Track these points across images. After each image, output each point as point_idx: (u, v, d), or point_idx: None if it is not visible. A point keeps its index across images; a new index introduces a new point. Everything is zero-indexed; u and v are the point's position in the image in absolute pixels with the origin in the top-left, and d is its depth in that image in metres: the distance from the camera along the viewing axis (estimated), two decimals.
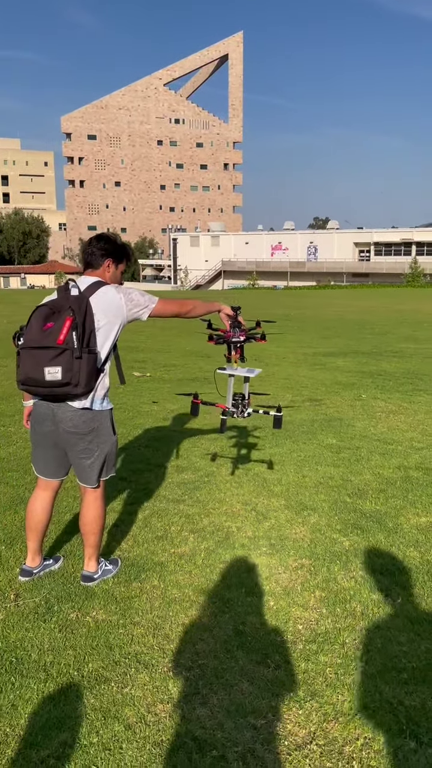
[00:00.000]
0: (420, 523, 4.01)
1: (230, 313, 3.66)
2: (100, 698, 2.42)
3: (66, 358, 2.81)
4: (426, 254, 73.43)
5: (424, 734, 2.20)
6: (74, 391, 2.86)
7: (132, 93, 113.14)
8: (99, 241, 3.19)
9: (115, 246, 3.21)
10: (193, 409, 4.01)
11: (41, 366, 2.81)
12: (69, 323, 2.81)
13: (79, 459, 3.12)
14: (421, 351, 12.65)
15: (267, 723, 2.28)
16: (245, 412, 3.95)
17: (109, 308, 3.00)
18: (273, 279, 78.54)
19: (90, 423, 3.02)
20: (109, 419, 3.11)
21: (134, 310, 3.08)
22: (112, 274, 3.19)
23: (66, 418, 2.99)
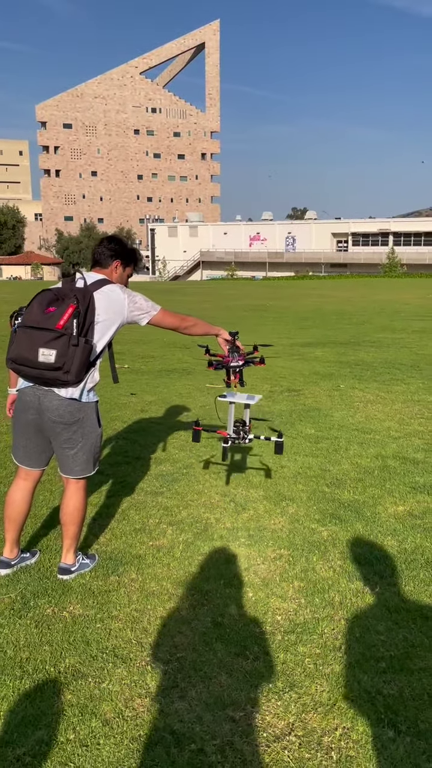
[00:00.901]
0: (397, 512, 4.02)
1: (228, 338, 3.69)
2: (77, 694, 2.39)
3: (62, 342, 2.82)
4: (403, 244, 73.92)
5: (402, 723, 2.20)
6: (64, 377, 2.86)
7: (108, 81, 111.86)
8: (110, 242, 3.27)
9: (125, 248, 3.28)
10: (195, 435, 4.09)
11: (37, 346, 2.82)
12: (72, 310, 2.84)
13: (62, 449, 3.11)
14: (398, 341, 12.74)
15: (245, 715, 2.27)
16: (246, 439, 4.03)
17: (111, 306, 3.04)
18: (251, 269, 78.52)
19: (75, 413, 3.02)
20: (94, 411, 3.12)
21: (135, 312, 3.13)
22: (119, 276, 3.26)
23: (52, 407, 2.99)
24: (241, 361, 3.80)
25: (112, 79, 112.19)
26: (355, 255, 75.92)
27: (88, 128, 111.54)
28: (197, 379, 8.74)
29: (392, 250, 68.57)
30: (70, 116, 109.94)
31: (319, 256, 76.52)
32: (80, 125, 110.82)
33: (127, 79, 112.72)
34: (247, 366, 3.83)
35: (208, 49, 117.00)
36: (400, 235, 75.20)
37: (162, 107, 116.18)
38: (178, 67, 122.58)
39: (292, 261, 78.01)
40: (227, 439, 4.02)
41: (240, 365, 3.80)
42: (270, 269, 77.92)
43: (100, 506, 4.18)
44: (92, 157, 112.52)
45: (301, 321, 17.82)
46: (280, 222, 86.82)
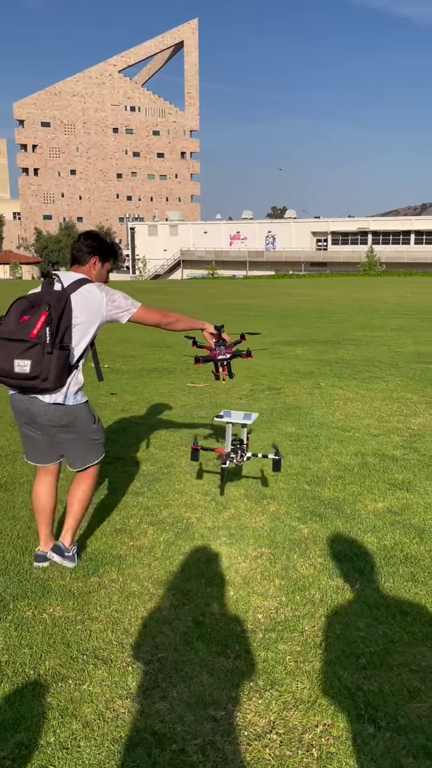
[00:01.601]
0: (377, 509, 4.05)
1: (213, 331, 3.67)
2: (57, 696, 2.37)
3: (36, 351, 2.83)
4: (381, 243, 74.48)
5: (382, 718, 2.22)
6: (42, 385, 2.88)
7: (86, 79, 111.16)
8: (87, 239, 3.26)
9: (103, 244, 3.27)
10: (194, 455, 4.17)
11: (11, 357, 2.84)
12: (44, 318, 2.84)
13: (61, 446, 3.21)
14: (377, 338, 12.83)
15: (227, 714, 2.27)
16: (244, 457, 4.06)
17: (89, 306, 3.05)
18: (232, 268, 78.57)
19: (64, 417, 3.07)
20: (84, 411, 3.15)
21: (114, 311, 3.13)
22: (98, 272, 3.25)
23: (41, 413, 3.04)
24: (229, 354, 3.76)
25: (91, 77, 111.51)
26: (335, 254, 76.32)
27: (66, 126, 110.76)
28: (178, 378, 8.72)
29: (371, 249, 69.02)
30: (48, 114, 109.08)
31: (299, 255, 76.80)
32: (58, 123, 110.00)
33: (106, 77, 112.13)
34: (235, 358, 3.81)
35: (186, 48, 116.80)
36: (379, 234, 75.76)
37: (141, 106, 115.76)
38: (157, 66, 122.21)
39: (272, 260, 78.22)
40: (225, 459, 4.05)
41: (227, 358, 3.77)
42: (250, 268, 78.05)
43: None
44: (71, 156, 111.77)
45: (281, 319, 17.87)
46: (260, 221, 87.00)
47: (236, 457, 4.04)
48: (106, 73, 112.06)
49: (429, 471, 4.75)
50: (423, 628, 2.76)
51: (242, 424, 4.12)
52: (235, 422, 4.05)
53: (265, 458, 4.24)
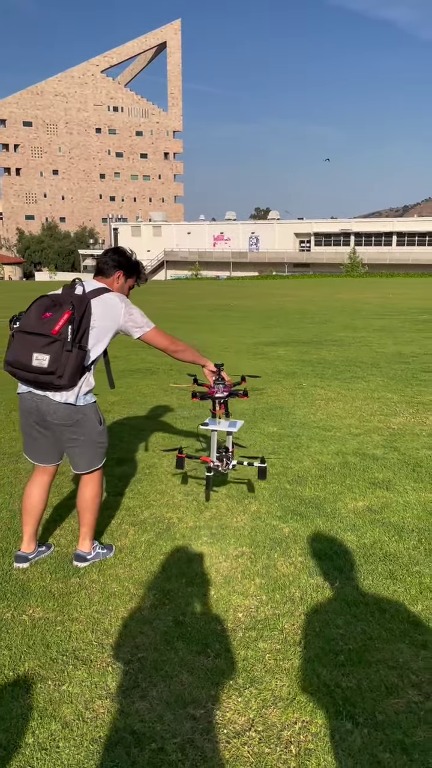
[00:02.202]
0: (357, 508, 4.08)
1: (213, 369, 3.80)
2: (36, 697, 2.36)
3: (56, 348, 2.89)
4: (364, 244, 74.99)
5: (360, 714, 2.24)
6: (57, 381, 2.94)
7: (68, 79, 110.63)
8: (115, 254, 3.37)
9: (129, 261, 3.38)
10: (179, 463, 4.12)
11: (31, 351, 2.90)
12: (67, 316, 2.91)
13: (67, 447, 3.24)
14: (358, 339, 12.91)
15: (206, 712, 2.28)
16: (229, 465, 4.05)
17: (108, 312, 3.13)
18: (216, 269, 78.65)
19: (73, 415, 3.12)
20: (92, 411, 3.21)
21: (129, 324, 3.22)
22: (120, 286, 3.35)
23: (50, 411, 3.09)
24: (226, 393, 3.86)
25: (73, 77, 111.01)
26: (318, 255, 76.71)
27: (48, 126, 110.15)
28: (161, 378, 8.72)
29: (354, 250, 69.47)
30: (30, 114, 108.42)
31: (282, 255, 77.07)
32: (41, 123, 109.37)
33: (88, 77, 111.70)
34: (232, 397, 3.90)
35: (169, 49, 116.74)
36: (361, 236, 76.27)
37: (124, 106, 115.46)
38: (140, 66, 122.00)
39: (255, 261, 78.41)
40: (210, 467, 4.03)
41: (225, 396, 3.87)
42: (234, 269, 78.17)
43: (61, 507, 4.15)
44: (53, 156, 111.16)
45: (265, 320, 17.92)
46: (243, 222, 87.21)
47: (221, 465, 4.03)
48: (89, 73, 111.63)
49: (408, 470, 4.79)
50: (401, 624, 2.78)
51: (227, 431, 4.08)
52: (221, 430, 4.02)
53: (251, 466, 4.21)
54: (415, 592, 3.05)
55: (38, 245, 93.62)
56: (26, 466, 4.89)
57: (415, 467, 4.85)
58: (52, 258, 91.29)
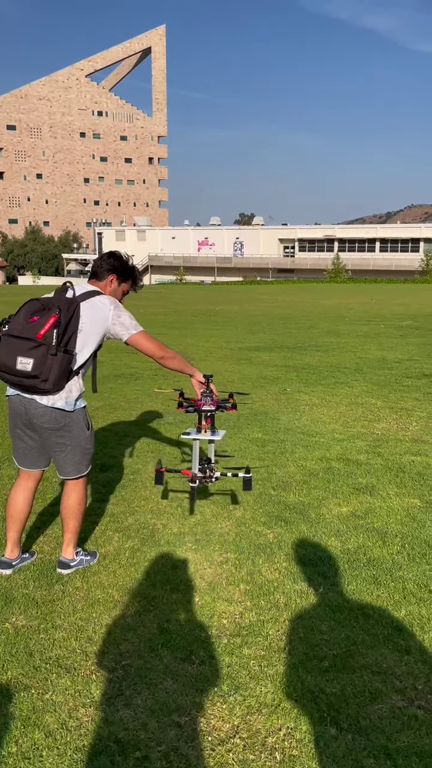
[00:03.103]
0: (341, 513, 4.10)
1: (202, 380, 3.69)
2: (19, 706, 2.34)
3: (41, 352, 2.89)
4: (347, 250, 75.50)
5: (344, 720, 2.25)
6: (42, 385, 2.94)
7: (53, 83, 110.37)
8: (110, 257, 3.39)
9: (124, 265, 3.39)
10: (158, 478, 3.91)
11: (16, 355, 2.89)
12: (53, 320, 2.90)
13: (53, 452, 3.23)
14: (342, 345, 12.99)
15: (191, 720, 2.27)
16: (213, 477, 3.90)
17: (96, 315, 3.13)
18: (200, 274, 78.74)
19: (60, 419, 3.10)
20: (81, 416, 3.19)
21: (118, 327, 3.21)
22: (113, 290, 3.36)
23: (38, 414, 3.08)
24: (214, 407, 3.76)
25: (57, 81, 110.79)
26: (302, 260, 77.11)
27: (32, 130, 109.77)
28: (145, 383, 8.70)
29: (337, 256, 69.95)
30: (14, 117, 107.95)
31: (266, 261, 77.37)
32: (24, 127, 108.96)
33: (73, 81, 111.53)
34: (220, 411, 3.80)
35: (154, 54, 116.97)
36: (345, 242, 76.80)
37: (108, 111, 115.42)
38: (125, 71, 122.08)
39: (240, 266, 78.64)
40: (194, 478, 3.85)
41: (212, 410, 3.77)
42: (218, 274, 78.31)
43: (45, 514, 4.12)
44: (37, 160, 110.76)
45: (249, 325, 17.97)
46: (228, 227, 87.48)
47: (204, 476, 3.89)
48: (73, 77, 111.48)
49: (392, 475, 4.83)
50: (384, 630, 2.80)
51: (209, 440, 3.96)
52: (203, 439, 3.88)
53: (236, 477, 4.10)
54: (398, 597, 3.07)
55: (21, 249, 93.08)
56: (9, 471, 4.85)
57: (398, 473, 4.88)
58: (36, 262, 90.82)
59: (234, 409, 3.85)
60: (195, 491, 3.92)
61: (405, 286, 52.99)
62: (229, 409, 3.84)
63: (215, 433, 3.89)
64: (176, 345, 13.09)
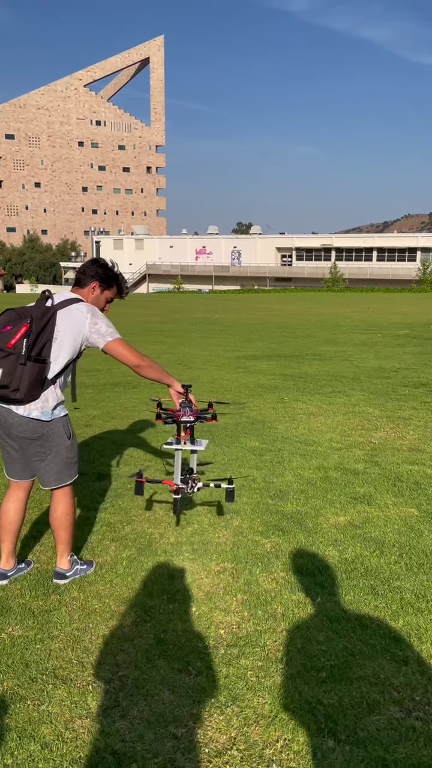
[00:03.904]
0: (338, 522, 4.10)
1: (180, 390, 3.62)
2: (15, 717, 2.33)
3: (10, 362, 2.88)
4: (345, 259, 75.77)
5: (341, 731, 2.24)
6: (13, 395, 2.92)
7: (51, 93, 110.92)
8: (93, 264, 3.35)
9: (107, 272, 3.34)
10: (138, 488, 3.82)
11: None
12: (24, 330, 2.90)
13: (33, 462, 3.20)
14: (339, 353, 13.01)
15: (188, 731, 2.26)
16: (195, 487, 3.84)
17: (72, 322, 3.09)
18: (198, 283, 78.90)
19: (38, 429, 3.08)
20: (60, 425, 3.15)
21: (94, 335, 3.15)
22: (95, 297, 3.30)
23: (15, 423, 3.05)
24: (193, 417, 3.68)
25: (56, 91, 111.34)
26: (299, 269, 77.33)
27: (31, 139, 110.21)
28: (142, 392, 8.70)
29: (334, 265, 70.18)
30: (13, 127, 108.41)
31: (264, 270, 77.57)
32: (23, 136, 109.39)
33: (71, 91, 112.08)
34: (199, 422, 3.73)
35: (152, 64, 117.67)
36: (342, 251, 77.07)
37: (107, 120, 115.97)
38: (123, 81, 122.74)
39: (237, 275, 78.83)
40: (177, 490, 3.78)
41: (192, 421, 3.68)
42: (216, 282, 78.47)
43: (41, 523, 4.11)
44: (35, 169, 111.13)
45: (246, 334, 17.99)
46: (225, 236, 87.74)
47: (186, 487, 3.85)
48: (72, 86, 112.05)
49: (389, 484, 4.83)
50: (382, 640, 2.79)
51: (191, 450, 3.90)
52: (185, 449, 3.82)
53: (218, 488, 4.03)
54: (396, 608, 3.06)
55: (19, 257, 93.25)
56: (2, 480, 4.83)
57: (395, 482, 4.88)
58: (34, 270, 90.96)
59: (214, 420, 3.78)
60: (178, 502, 3.81)
61: (402, 295, 53.13)
62: (209, 420, 3.76)
63: (197, 443, 3.82)
64: (173, 353, 13.11)
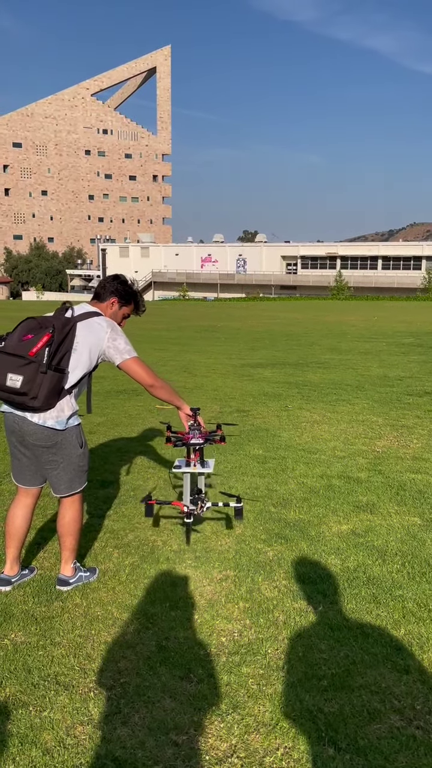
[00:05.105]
0: (341, 531, 4.10)
1: (189, 413, 3.69)
2: (17, 724, 2.34)
3: (31, 370, 2.92)
4: (350, 268, 75.78)
5: (342, 740, 2.24)
6: (31, 403, 2.96)
7: (59, 102, 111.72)
8: (114, 280, 3.44)
9: (126, 289, 3.43)
10: (148, 510, 3.82)
11: (6, 371, 2.91)
12: (46, 339, 2.94)
13: (45, 469, 3.24)
14: (344, 362, 13.02)
15: (189, 738, 2.26)
16: (204, 507, 3.87)
17: (91, 335, 3.16)
18: (203, 291, 79.06)
19: (52, 438, 3.11)
20: (74, 434, 3.19)
21: (111, 350, 3.23)
22: (113, 313, 3.40)
23: (30, 431, 3.09)
24: (202, 440, 3.74)
25: (63, 100, 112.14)
26: (304, 278, 77.38)
27: (38, 148, 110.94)
28: (147, 400, 8.72)
29: (340, 274, 70.17)
30: (20, 135, 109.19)
31: (269, 278, 77.67)
32: (30, 144, 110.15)
33: (78, 100, 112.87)
34: (208, 444, 3.78)
35: (159, 74, 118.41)
36: (347, 259, 77.10)
37: (113, 129, 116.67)
38: (130, 90, 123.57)
39: (243, 283, 78.94)
40: (188, 514, 3.76)
41: (200, 443, 3.74)
42: (221, 290, 78.60)
43: (45, 530, 4.12)
44: (42, 177, 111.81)
45: (251, 342, 18.02)
46: (231, 244, 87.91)
47: (196, 509, 3.84)
48: (79, 96, 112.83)
49: (392, 493, 4.83)
50: (383, 649, 2.79)
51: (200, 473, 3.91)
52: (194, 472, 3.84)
53: (227, 506, 4.02)
54: (398, 617, 3.06)
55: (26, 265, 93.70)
56: (9, 487, 4.86)
57: (398, 491, 4.88)
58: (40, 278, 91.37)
59: (222, 442, 3.83)
60: (190, 526, 3.81)
61: (407, 303, 53.11)
62: (217, 442, 3.81)
63: (205, 464, 3.87)
64: (178, 360, 13.14)
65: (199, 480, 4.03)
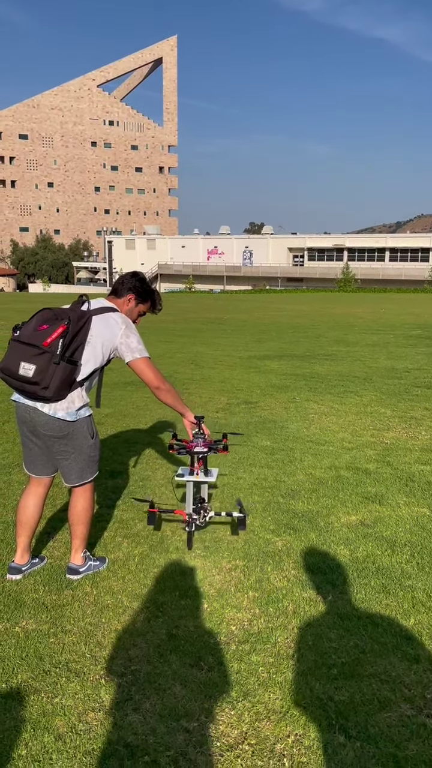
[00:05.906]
0: (350, 522, 4.10)
1: (193, 420, 3.70)
2: (29, 709, 2.36)
3: (44, 359, 2.93)
4: (357, 260, 75.50)
5: (352, 728, 2.25)
6: (42, 393, 2.97)
7: (65, 93, 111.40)
8: (132, 278, 3.48)
9: (144, 287, 3.47)
10: (150, 518, 3.81)
11: (19, 360, 2.94)
12: (61, 330, 2.95)
13: (56, 459, 3.26)
14: (351, 354, 12.99)
15: (199, 725, 2.28)
16: (207, 516, 3.84)
17: (106, 329, 3.18)
18: (209, 283, 78.96)
19: (64, 428, 3.13)
20: (85, 425, 3.20)
21: (123, 346, 3.25)
22: (129, 309, 3.43)
23: (42, 422, 3.11)
24: (206, 448, 3.72)
25: (69, 91, 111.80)
26: (311, 269, 77.17)
27: (44, 139, 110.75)
28: None
29: (347, 265, 69.94)
30: (26, 127, 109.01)
31: (275, 270, 77.48)
32: (36, 136, 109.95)
33: (84, 91, 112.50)
34: (212, 453, 3.78)
35: (165, 64, 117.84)
36: (354, 251, 76.81)
37: (119, 120, 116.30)
38: (136, 81, 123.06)
39: (249, 275, 78.79)
40: (190, 522, 3.73)
41: (204, 452, 3.73)
42: (228, 283, 78.47)
43: (55, 519, 4.14)
44: (49, 169, 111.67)
45: (258, 334, 17.99)
46: (237, 236, 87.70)
47: (198, 518, 3.77)
48: (85, 87, 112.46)
49: (401, 484, 4.82)
50: (393, 638, 2.80)
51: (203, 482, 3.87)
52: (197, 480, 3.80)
53: (230, 516, 3.95)
54: (407, 606, 3.07)
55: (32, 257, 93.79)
56: (19, 477, 4.89)
57: (407, 482, 4.88)
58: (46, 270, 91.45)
59: (226, 451, 3.81)
60: (192, 535, 3.77)
61: (414, 295, 52.90)
62: (220, 451, 3.79)
63: (208, 473, 3.85)
64: (185, 353, 13.14)
65: (202, 489, 3.98)
